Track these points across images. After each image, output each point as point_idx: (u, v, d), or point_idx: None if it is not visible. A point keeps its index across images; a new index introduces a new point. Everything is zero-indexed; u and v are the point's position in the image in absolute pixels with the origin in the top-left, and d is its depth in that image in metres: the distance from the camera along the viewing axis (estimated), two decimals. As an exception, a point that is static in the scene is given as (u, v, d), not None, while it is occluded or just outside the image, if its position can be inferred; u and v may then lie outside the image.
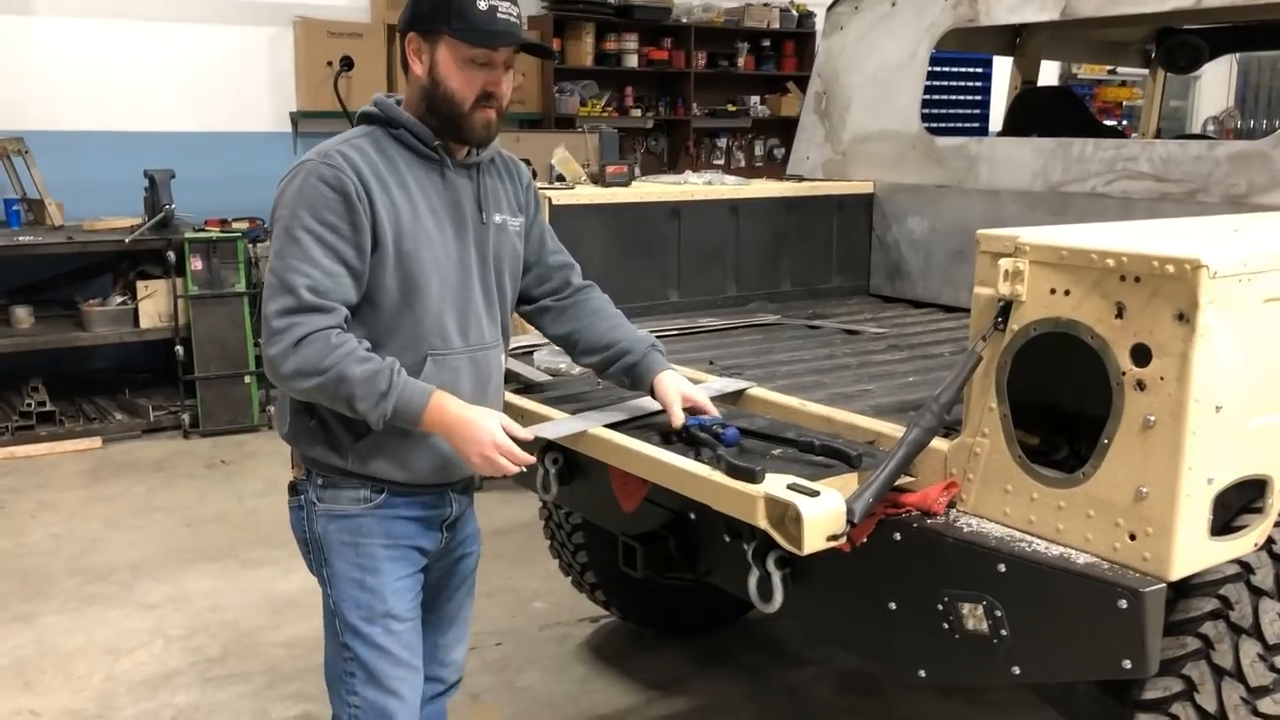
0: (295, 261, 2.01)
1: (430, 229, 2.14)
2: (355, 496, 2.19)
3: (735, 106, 9.49)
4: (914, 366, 2.92)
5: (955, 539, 2.03)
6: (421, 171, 2.16)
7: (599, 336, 2.44)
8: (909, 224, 3.95)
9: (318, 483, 2.20)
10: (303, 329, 1.99)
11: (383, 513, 2.20)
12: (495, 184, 2.30)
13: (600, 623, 4.09)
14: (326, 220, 2.03)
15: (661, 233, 3.55)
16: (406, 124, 2.15)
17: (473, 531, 2.48)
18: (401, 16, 2.17)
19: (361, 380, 2.00)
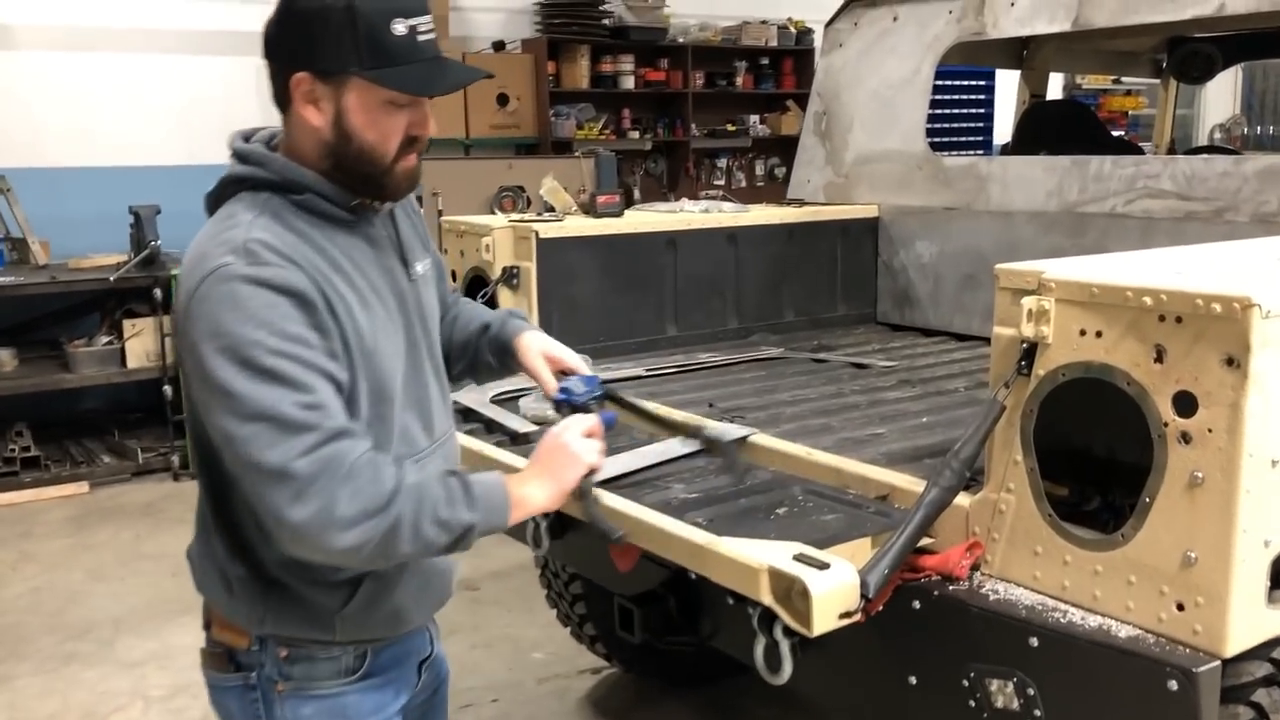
0: (288, 394, 1.46)
1: (379, 313, 1.65)
2: (336, 669, 1.70)
3: (735, 126, 9.32)
4: (927, 405, 2.73)
5: (981, 608, 1.83)
6: (345, 240, 1.63)
7: (462, 333, 2.03)
8: (917, 248, 3.77)
9: (280, 655, 1.68)
10: (347, 459, 1.47)
11: (370, 682, 1.74)
12: (403, 224, 1.79)
13: (602, 674, 3.89)
14: (293, 334, 1.49)
15: (657, 264, 3.37)
16: (312, 187, 1.60)
17: (440, 653, 2.01)
18: (270, 44, 1.61)
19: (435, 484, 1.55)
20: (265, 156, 1.63)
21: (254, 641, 1.69)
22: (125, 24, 6.88)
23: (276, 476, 1.45)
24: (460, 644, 4.14)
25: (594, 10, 8.22)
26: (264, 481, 1.46)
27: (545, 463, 1.70)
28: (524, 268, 3.03)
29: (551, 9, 8.13)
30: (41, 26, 6.66)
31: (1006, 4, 3.45)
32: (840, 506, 2.04)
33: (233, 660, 1.71)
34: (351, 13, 1.52)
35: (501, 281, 3.03)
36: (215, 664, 1.74)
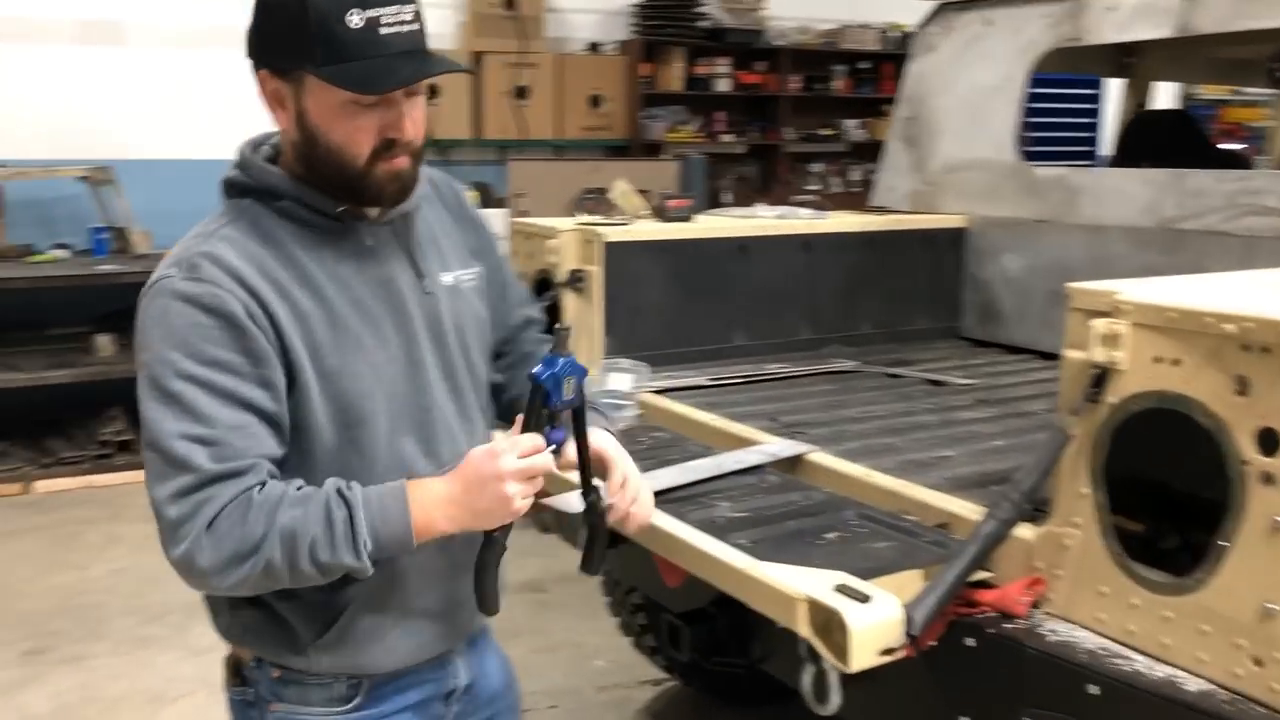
0: (178, 425, 1.41)
1: (357, 330, 1.53)
2: (326, 697, 1.61)
3: (831, 131, 9.16)
4: (1003, 427, 2.60)
5: (1038, 649, 1.71)
6: (326, 252, 1.53)
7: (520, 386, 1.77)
8: (1003, 261, 3.61)
9: (273, 675, 1.61)
10: (213, 507, 1.40)
11: (366, 713, 1.63)
12: (428, 229, 1.67)
13: (662, 686, 3.82)
14: (210, 357, 1.42)
15: (727, 271, 3.27)
16: (289, 193, 1.52)
17: (500, 682, 1.86)
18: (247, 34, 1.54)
19: (317, 521, 1.40)
20: (248, 162, 1.57)
21: (253, 658, 1.63)
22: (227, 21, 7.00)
23: (157, 509, 1.43)
24: (522, 647, 4.10)
25: (690, 12, 8.15)
26: (153, 509, 1.44)
27: (468, 494, 1.45)
28: (590, 271, 2.98)
29: (647, 10, 8.08)
30: (148, 25, 6.84)
31: (1105, 9, 3.28)
32: (894, 534, 1.94)
33: (238, 673, 1.67)
34: (303, 5, 1.42)
35: (567, 285, 2.98)
36: (227, 675, 1.70)
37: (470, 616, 1.70)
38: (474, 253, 1.75)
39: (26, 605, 4.46)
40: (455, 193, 1.78)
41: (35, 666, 3.97)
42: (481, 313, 1.73)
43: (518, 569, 4.73)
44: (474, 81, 7.42)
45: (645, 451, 2.39)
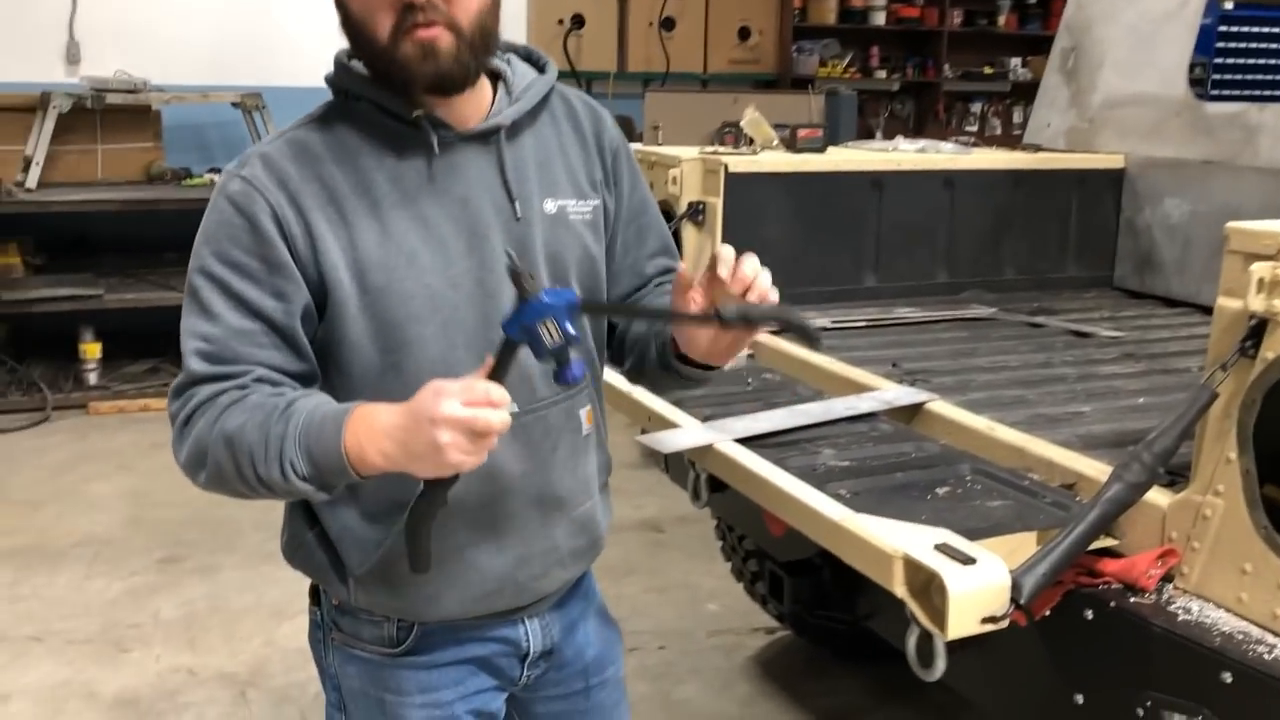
0: (192, 320, 1.39)
1: (414, 247, 1.41)
2: (377, 635, 1.54)
3: (993, 69, 8.70)
4: (1148, 384, 2.38)
5: (1166, 629, 1.54)
6: (400, 161, 1.43)
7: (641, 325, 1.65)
8: (1166, 206, 3.32)
9: (333, 601, 1.57)
10: (190, 406, 1.37)
11: (415, 660, 1.54)
12: (542, 150, 1.52)
13: (775, 635, 3.72)
14: (231, 258, 1.38)
15: (859, 207, 3.09)
16: (365, 93, 1.43)
17: (599, 653, 1.71)
18: None
19: (255, 432, 1.31)
20: (337, 60, 1.48)
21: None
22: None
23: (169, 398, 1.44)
24: (635, 586, 4.06)
25: (847, -59, 7.83)
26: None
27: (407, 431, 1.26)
28: (710, 203, 2.84)
29: (802, -60, 7.80)
30: (302, -50, 6.93)
31: (1301, -76, 2.94)
32: (1012, 492, 1.78)
33: (314, 592, 1.62)
34: None
35: (686, 217, 2.86)
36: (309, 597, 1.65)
37: (545, 577, 1.57)
38: (597, 185, 1.58)
39: (166, 515, 4.64)
40: (596, 119, 1.61)
41: (169, 573, 4.12)
42: (593, 250, 1.56)
43: (635, 508, 4.70)
44: (619, 13, 7.29)
45: (751, 394, 2.27)
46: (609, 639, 1.75)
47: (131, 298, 6.07)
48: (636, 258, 1.65)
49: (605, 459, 1.66)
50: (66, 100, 6.07)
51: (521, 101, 1.49)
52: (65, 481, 5.02)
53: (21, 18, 6.49)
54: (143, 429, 5.73)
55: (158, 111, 6.55)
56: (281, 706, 3.28)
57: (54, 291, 5.89)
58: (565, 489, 1.54)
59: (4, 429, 5.61)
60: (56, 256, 6.42)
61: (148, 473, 5.14)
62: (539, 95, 1.52)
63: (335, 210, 1.40)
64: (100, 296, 5.96)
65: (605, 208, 1.59)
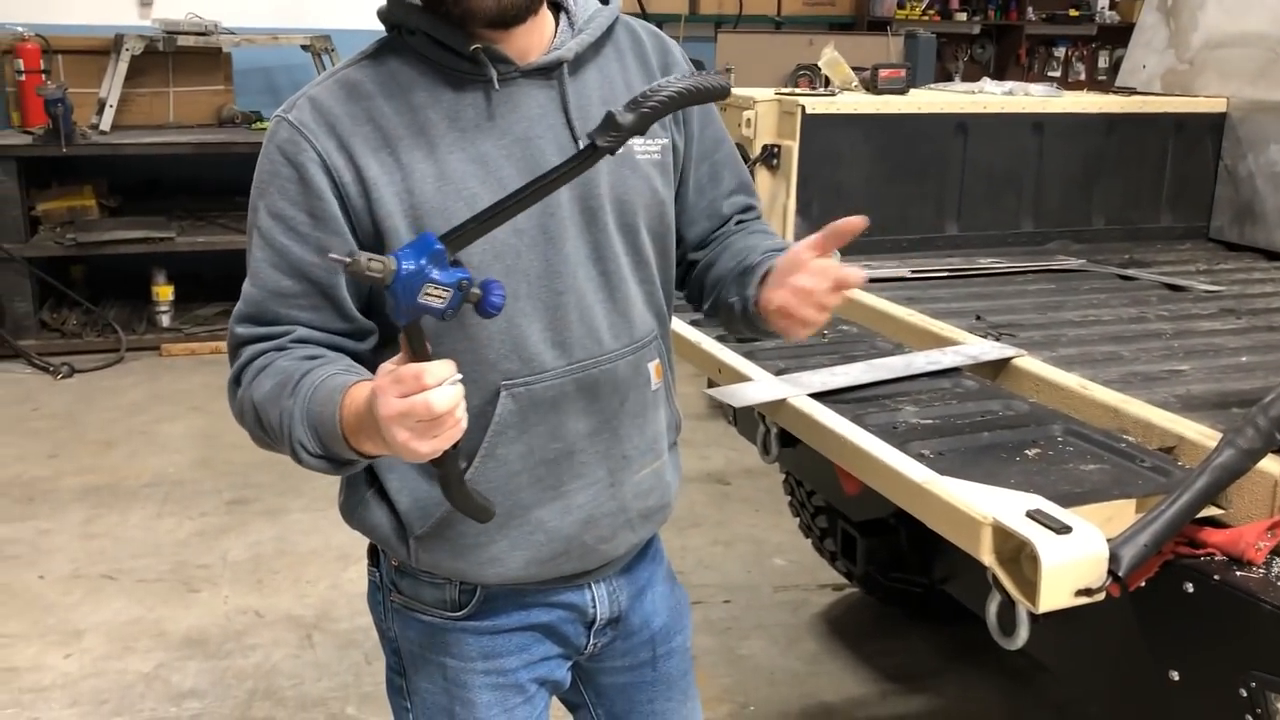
0: (247, 278, 1.36)
1: (474, 190, 1.32)
2: (438, 598, 1.48)
3: (1078, 11, 8.39)
4: (1251, 341, 2.24)
5: (1275, 605, 1.44)
6: (457, 98, 1.34)
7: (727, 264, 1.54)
8: (1271, 153, 3.13)
9: (392, 562, 1.51)
10: (236, 365, 1.35)
11: (478, 624, 1.49)
12: (608, 85, 1.43)
13: (843, 592, 3.64)
14: (277, 210, 1.32)
15: (942, 152, 2.96)
16: (420, 25, 1.33)
17: (664, 621, 1.64)
18: None
19: (273, 404, 1.27)
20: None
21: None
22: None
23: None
24: (701, 538, 4.01)
25: (929, -124, 7.56)
26: None
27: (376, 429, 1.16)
28: (785, 146, 2.73)
29: (882, -126, 7.53)
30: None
31: None
32: (1108, 455, 1.67)
33: (373, 552, 1.56)
34: None
35: (760, 160, 2.75)
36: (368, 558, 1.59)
37: (613, 540, 1.49)
38: (665, 122, 1.47)
39: (235, 457, 4.67)
40: (663, 50, 1.51)
41: (238, 515, 4.16)
42: (661, 191, 1.47)
43: (701, 459, 4.64)
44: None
45: (828, 346, 2.17)
46: (677, 606, 1.67)
47: (203, 240, 6.13)
48: (713, 198, 1.57)
49: (674, 416, 1.58)
50: (139, 43, 6.08)
51: (585, 33, 1.40)
52: (138, 422, 5.09)
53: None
54: (214, 371, 5.78)
55: (228, 54, 6.56)
56: (346, 650, 3.28)
57: (127, 234, 5.94)
58: (633, 447, 1.47)
59: (80, 369, 5.69)
60: (130, 199, 6.49)
61: (218, 414, 5.18)
62: (603, 26, 1.42)
63: (389, 153, 1.32)
64: (172, 239, 6.01)
65: (675, 146, 1.49)
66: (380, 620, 1.56)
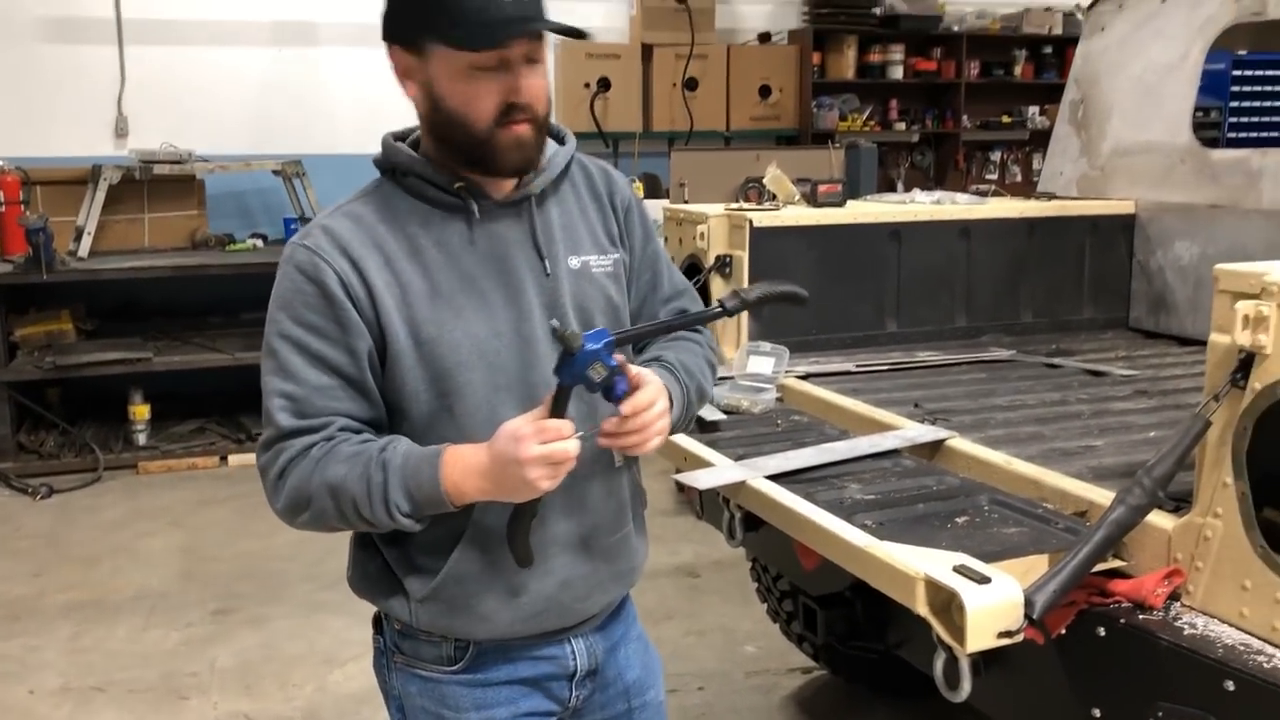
0: (274, 380, 1.56)
1: (460, 303, 1.59)
2: (435, 655, 1.69)
3: (1010, 118, 8.87)
4: (1159, 419, 2.50)
5: (1172, 642, 1.66)
6: (443, 227, 1.61)
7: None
8: (1176, 249, 3.45)
9: (395, 627, 1.71)
10: (284, 458, 1.54)
11: (471, 677, 1.68)
12: (566, 214, 1.71)
13: (812, 674, 3.81)
14: (306, 321, 1.55)
15: (879, 257, 3.25)
16: (413, 169, 1.61)
17: (641, 675, 1.84)
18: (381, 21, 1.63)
19: (357, 481, 1.50)
20: (385, 143, 1.68)
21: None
22: (411, 20, 7.33)
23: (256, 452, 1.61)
24: (675, 629, 4.17)
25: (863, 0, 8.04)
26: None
27: (493, 468, 1.49)
28: (736, 256, 3.00)
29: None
30: (341, 24, 7.20)
31: (1293, -21, 3.10)
32: (1026, 520, 1.91)
33: (376, 621, 1.78)
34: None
35: (714, 270, 3.02)
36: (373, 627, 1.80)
37: (588, 599, 1.71)
38: (615, 240, 1.76)
39: (218, 568, 4.80)
40: (609, 180, 1.80)
41: (223, 624, 4.27)
42: (615, 298, 1.73)
43: (671, 553, 4.82)
44: (644, 75, 7.52)
45: (780, 434, 2.40)
46: (649, 663, 1.87)
47: (179, 359, 6.29)
48: (651, 303, 1.83)
49: (638, 490, 1.82)
50: (116, 172, 6.33)
51: (547, 172, 1.68)
52: (119, 538, 5.20)
53: (73, 94, 6.80)
54: (191, 486, 5.92)
55: (201, 180, 6.81)
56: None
57: (104, 355, 6.11)
58: (601, 518, 1.70)
59: (59, 489, 5.80)
60: (106, 321, 6.67)
61: (197, 528, 5.32)
62: (561, 165, 1.71)
63: (390, 273, 1.57)
64: (149, 359, 6.17)
65: (624, 260, 1.77)
66: (385, 681, 1.76)
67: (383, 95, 8.01)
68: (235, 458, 6.29)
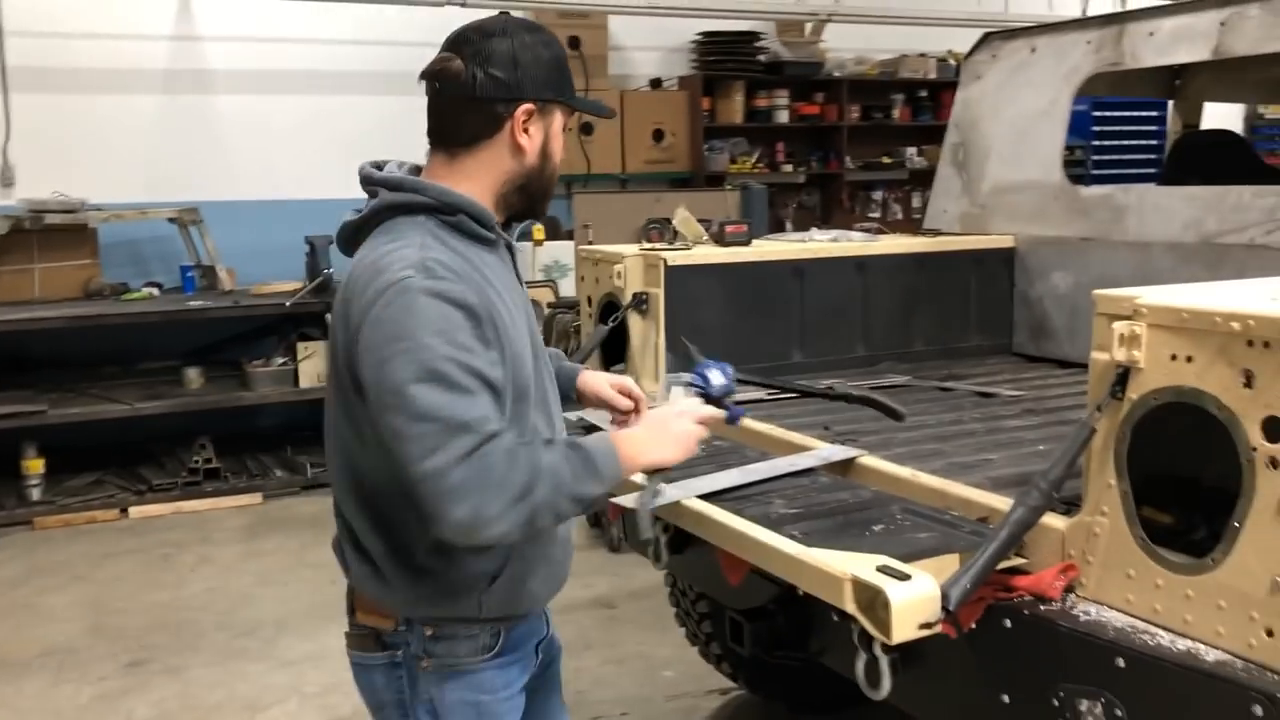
0: (448, 396, 1.64)
1: (518, 321, 1.85)
2: (475, 646, 1.87)
3: (890, 159, 9.29)
4: (1046, 434, 2.73)
5: (1071, 628, 1.85)
6: (488, 258, 1.84)
7: None
8: (1053, 279, 3.74)
9: (425, 634, 1.85)
10: (491, 460, 1.64)
11: (503, 659, 1.91)
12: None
13: (730, 695, 3.96)
14: (461, 342, 1.67)
15: (784, 292, 3.45)
16: (468, 209, 1.81)
17: (554, 634, 2.17)
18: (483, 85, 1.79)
19: (563, 463, 1.71)
20: (420, 184, 1.82)
21: (400, 623, 1.86)
22: (307, 67, 7.39)
23: (437, 478, 1.61)
24: (594, 659, 4.28)
25: (750, 47, 8.36)
26: (427, 481, 1.62)
27: (653, 435, 1.90)
28: (652, 294, 3.17)
29: (708, 46, 8.31)
30: (234, 71, 7.22)
31: (1145, 33, 3.42)
32: (936, 526, 2.09)
33: (379, 641, 1.89)
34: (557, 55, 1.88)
35: (631, 307, 3.18)
36: (361, 645, 1.92)
37: (566, 570, 2.01)
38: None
39: (127, 621, 4.74)
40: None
41: (138, 676, 4.23)
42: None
43: (585, 586, 4.94)
44: (540, 119, 7.70)
45: (706, 458, 2.55)
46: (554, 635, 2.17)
47: (76, 412, 6.18)
48: None
49: None
50: (4, 223, 6.22)
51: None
52: (18, 595, 5.08)
53: (-44, 145, 6.66)
54: (91, 540, 5.81)
55: (94, 229, 6.70)
56: (264, 792, 3.41)
57: (-4, 409, 5.97)
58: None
59: (-49, 548, 5.64)
60: (-4, 375, 6.51)
61: (102, 582, 5.23)
62: None
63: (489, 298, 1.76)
64: (44, 412, 6.05)
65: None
66: (401, 693, 1.89)
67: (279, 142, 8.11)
68: (136, 509, 6.20)
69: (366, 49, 7.48)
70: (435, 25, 8.09)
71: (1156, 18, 3.40)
